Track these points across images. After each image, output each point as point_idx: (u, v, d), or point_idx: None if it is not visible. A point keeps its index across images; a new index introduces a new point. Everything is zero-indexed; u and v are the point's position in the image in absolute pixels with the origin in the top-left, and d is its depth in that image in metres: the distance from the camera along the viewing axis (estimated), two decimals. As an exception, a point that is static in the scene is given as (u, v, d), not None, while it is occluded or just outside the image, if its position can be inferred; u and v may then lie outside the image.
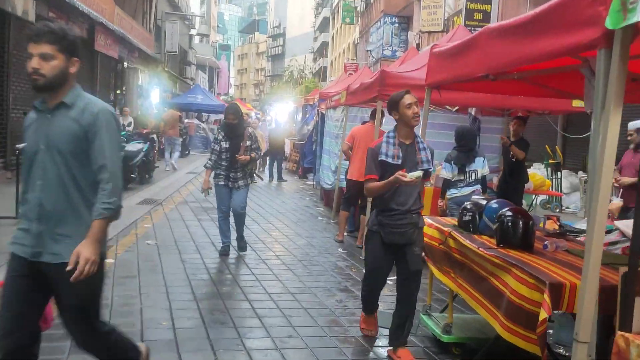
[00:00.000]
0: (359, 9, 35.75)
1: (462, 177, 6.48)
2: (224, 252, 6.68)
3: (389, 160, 3.82)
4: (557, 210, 11.95)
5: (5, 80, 11.15)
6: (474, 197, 4.64)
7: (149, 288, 5.22)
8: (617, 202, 6.72)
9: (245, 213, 6.83)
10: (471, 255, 3.83)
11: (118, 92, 20.82)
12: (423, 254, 4.28)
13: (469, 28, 10.70)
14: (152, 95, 24.41)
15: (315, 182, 13.99)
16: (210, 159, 6.57)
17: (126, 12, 19.69)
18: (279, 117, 25.81)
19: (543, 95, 5.49)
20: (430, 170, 3.96)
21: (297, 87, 53.72)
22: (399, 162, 3.83)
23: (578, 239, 4.43)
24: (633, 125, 6.58)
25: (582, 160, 13.40)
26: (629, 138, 6.60)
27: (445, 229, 4.23)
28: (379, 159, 3.86)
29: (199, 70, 45.85)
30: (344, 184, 9.09)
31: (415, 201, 3.94)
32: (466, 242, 3.87)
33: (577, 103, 7.57)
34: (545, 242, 3.77)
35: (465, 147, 6.54)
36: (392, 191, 3.85)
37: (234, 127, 6.42)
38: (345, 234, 8.18)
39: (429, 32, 19.11)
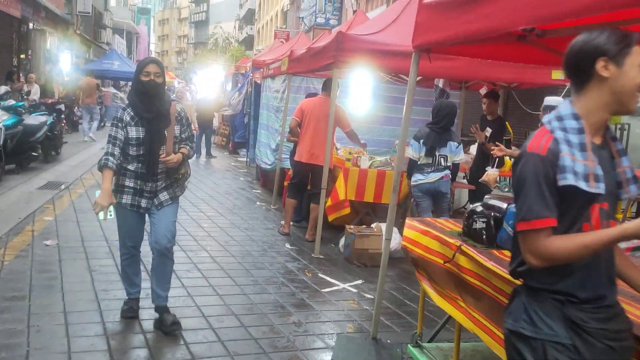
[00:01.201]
0: (288, -27, 34.03)
1: (430, 161, 5.63)
2: (129, 312, 3.96)
3: (583, 186, 1.65)
4: (507, 190, 11.34)
5: None
6: (486, 198, 3.59)
7: (43, 317, 3.85)
8: (493, 172, 6.09)
9: (173, 254, 3.86)
10: (495, 282, 2.77)
11: (22, 56, 18.63)
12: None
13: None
14: (62, 61, 22.07)
15: (248, 158, 12.69)
16: (110, 153, 3.57)
17: (29, -35, 17.42)
18: (206, 86, 24.03)
19: (544, 62, 4.48)
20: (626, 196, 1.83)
21: (223, 55, 51.37)
22: (601, 188, 1.68)
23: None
24: (545, 101, 5.48)
25: (525, 135, 12.92)
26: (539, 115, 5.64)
27: (452, 240, 3.13)
28: (561, 182, 1.66)
29: (115, 34, 42.66)
30: (287, 164, 7.92)
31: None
32: (489, 264, 2.80)
33: (556, 75, 6.67)
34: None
35: (438, 125, 5.68)
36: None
37: (155, 95, 3.62)
38: (290, 223, 7.03)
39: (368, -2, 17.97)
